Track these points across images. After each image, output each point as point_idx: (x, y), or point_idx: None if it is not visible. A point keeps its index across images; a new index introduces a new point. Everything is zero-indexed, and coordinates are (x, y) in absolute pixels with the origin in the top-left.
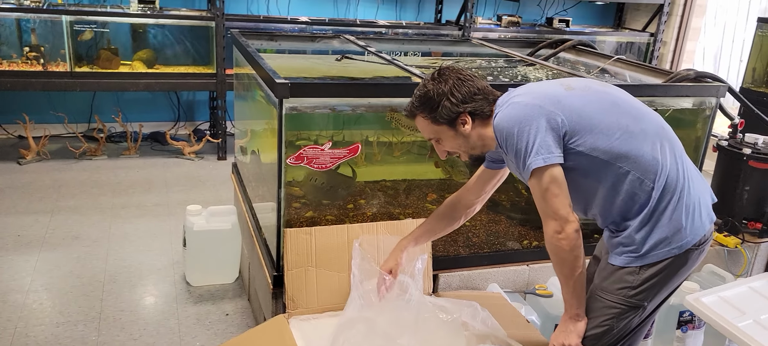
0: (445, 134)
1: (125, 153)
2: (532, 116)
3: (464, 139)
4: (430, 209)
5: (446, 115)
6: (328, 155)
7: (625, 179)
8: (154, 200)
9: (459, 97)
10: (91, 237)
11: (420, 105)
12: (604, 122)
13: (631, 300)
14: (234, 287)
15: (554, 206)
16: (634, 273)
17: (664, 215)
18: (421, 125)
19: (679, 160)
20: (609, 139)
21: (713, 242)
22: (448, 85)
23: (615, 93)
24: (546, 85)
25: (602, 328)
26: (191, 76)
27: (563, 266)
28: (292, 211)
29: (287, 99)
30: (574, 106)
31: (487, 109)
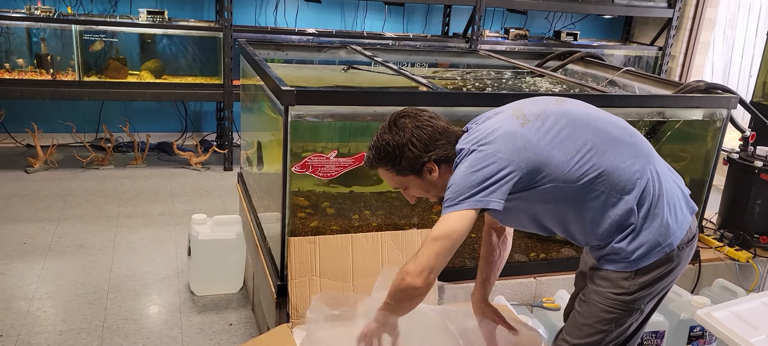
0: (411, 183)
1: (132, 163)
2: (487, 167)
3: (432, 185)
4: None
5: (410, 165)
6: (334, 164)
7: (601, 202)
8: (159, 209)
9: (421, 146)
10: (96, 246)
11: (380, 158)
12: (563, 150)
13: (628, 305)
14: (238, 297)
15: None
16: (629, 279)
17: (648, 222)
18: (385, 176)
19: (649, 160)
20: (572, 167)
21: (724, 257)
22: (407, 133)
23: (572, 109)
24: (502, 121)
25: (601, 333)
26: (199, 87)
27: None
28: (297, 221)
29: (293, 106)
30: (531, 142)
31: (451, 152)
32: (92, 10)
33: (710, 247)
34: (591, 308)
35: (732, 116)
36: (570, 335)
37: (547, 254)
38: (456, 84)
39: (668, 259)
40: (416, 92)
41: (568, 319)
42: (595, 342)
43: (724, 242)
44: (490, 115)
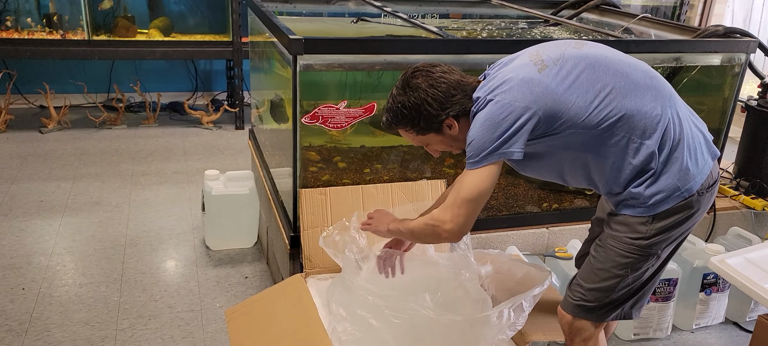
0: (433, 140)
1: (144, 122)
2: (506, 116)
3: (454, 139)
4: (446, 172)
5: (429, 124)
6: (344, 114)
7: (622, 147)
8: (173, 167)
9: (437, 104)
10: (112, 203)
11: (397, 120)
12: (582, 95)
13: (645, 250)
14: (253, 251)
15: (470, 218)
16: (647, 223)
17: (668, 167)
18: (406, 136)
19: (671, 103)
20: (591, 112)
21: (740, 205)
22: (422, 93)
23: (591, 53)
24: (519, 67)
25: (616, 278)
26: (207, 45)
27: (423, 238)
28: (309, 175)
29: (302, 56)
30: (548, 88)
31: (468, 104)
32: None
33: (726, 196)
34: (607, 253)
35: (751, 62)
36: (585, 280)
37: (560, 204)
38: (469, 34)
39: (687, 205)
40: (427, 40)
41: (584, 264)
42: (610, 287)
43: (740, 191)
44: (507, 60)
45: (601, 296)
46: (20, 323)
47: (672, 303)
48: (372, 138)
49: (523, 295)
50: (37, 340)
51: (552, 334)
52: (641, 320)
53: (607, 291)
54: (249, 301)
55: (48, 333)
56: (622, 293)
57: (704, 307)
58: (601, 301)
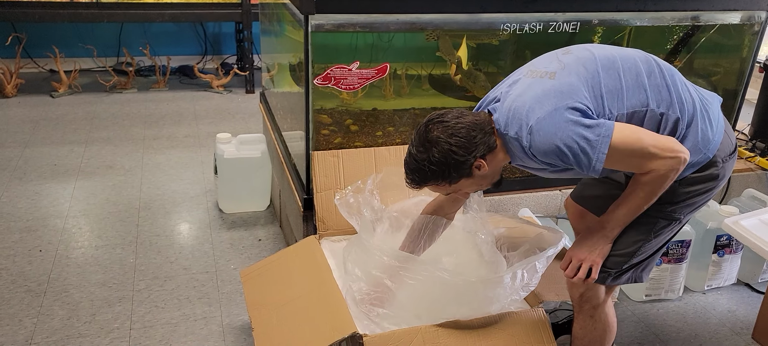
0: (464, 184)
1: (154, 86)
2: (561, 124)
3: (484, 177)
4: None
5: (460, 172)
6: (356, 76)
7: (651, 119)
8: (184, 131)
9: (463, 151)
10: (124, 167)
11: (426, 178)
12: (608, 82)
13: (669, 215)
14: (266, 214)
15: (660, 144)
16: (672, 190)
17: (687, 133)
18: (436, 190)
19: (682, 84)
20: (625, 93)
21: (755, 166)
22: (444, 145)
23: (583, 55)
24: (529, 88)
25: (637, 244)
26: (216, 7)
27: (650, 198)
28: (321, 138)
29: (313, 15)
30: (573, 85)
31: (492, 141)
32: None
33: (741, 157)
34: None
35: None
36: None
37: None
38: None
39: (711, 174)
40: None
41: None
42: (631, 252)
43: (756, 152)
44: (504, 92)
45: (620, 261)
46: (39, 284)
47: (684, 265)
48: (383, 101)
49: (537, 256)
50: (56, 300)
51: (565, 294)
52: (653, 281)
53: (627, 256)
54: (263, 262)
55: (66, 294)
56: (640, 257)
57: (716, 268)
58: (620, 266)
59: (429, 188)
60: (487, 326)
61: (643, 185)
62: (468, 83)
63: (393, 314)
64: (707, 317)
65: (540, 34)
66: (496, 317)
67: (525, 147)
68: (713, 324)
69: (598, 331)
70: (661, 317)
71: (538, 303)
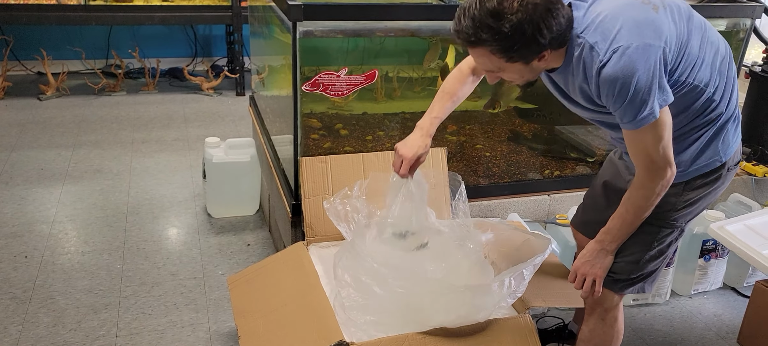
0: (511, 68)
1: (144, 89)
2: (649, 65)
3: (530, 71)
4: (449, 139)
5: (527, 54)
6: (344, 82)
7: (701, 102)
8: (173, 135)
9: (550, 35)
10: (112, 171)
11: (484, 40)
12: (693, 45)
13: (671, 222)
14: (255, 219)
15: (667, 154)
16: (677, 194)
17: (718, 131)
18: (483, 56)
19: (735, 82)
20: (699, 64)
21: (741, 171)
22: (531, 16)
23: (695, 12)
24: (626, 7)
25: (639, 253)
26: (207, 9)
27: (644, 213)
28: (311, 142)
29: (301, 22)
30: (670, 31)
31: (567, 37)
32: None
33: None
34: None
35: (756, 27)
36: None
37: (562, 171)
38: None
39: (715, 175)
40: (429, 6)
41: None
42: (636, 259)
43: (742, 157)
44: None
45: (628, 268)
46: (24, 291)
47: (671, 269)
48: (374, 104)
49: (524, 263)
50: (42, 307)
51: (552, 300)
52: None
53: (634, 263)
54: (251, 268)
55: (52, 301)
56: (646, 266)
57: (703, 273)
58: (628, 274)
59: (475, 52)
60: (474, 334)
61: (635, 201)
62: None
63: (380, 321)
64: (693, 321)
65: None
66: (484, 324)
67: (596, 61)
68: (699, 328)
69: (608, 335)
70: (648, 322)
71: (526, 309)
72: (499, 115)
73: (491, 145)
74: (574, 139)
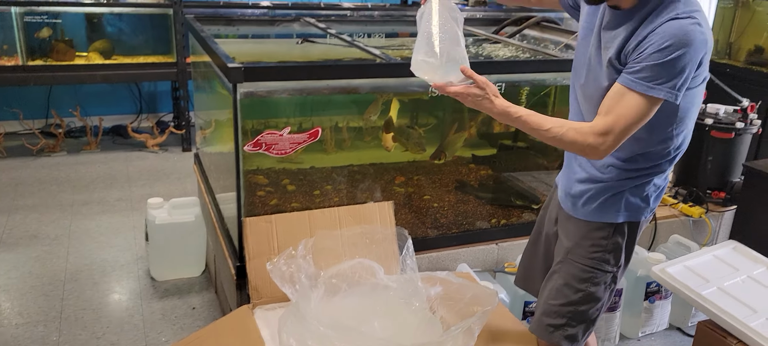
0: None
1: (86, 148)
2: (697, 52)
3: None
4: (397, 191)
5: None
6: (288, 141)
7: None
8: (116, 195)
9: None
10: (50, 236)
11: None
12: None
13: (603, 265)
14: (201, 280)
15: (620, 136)
16: (608, 237)
17: (662, 172)
18: None
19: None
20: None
21: (678, 213)
22: None
23: None
24: None
25: (580, 292)
26: (151, 66)
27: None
28: (257, 200)
29: (241, 84)
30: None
31: None
32: None
33: (666, 204)
34: (569, 268)
35: None
36: (553, 299)
37: (508, 219)
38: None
39: (641, 223)
40: (369, 64)
41: (549, 283)
42: (577, 300)
43: (679, 199)
44: None
45: (572, 313)
46: None
47: (618, 313)
48: (324, 155)
49: (473, 317)
50: None
51: None
52: None
53: (575, 304)
54: (194, 336)
55: None
56: (587, 309)
57: (649, 315)
58: (576, 319)
59: None
60: None
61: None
62: (401, 140)
63: None
64: None
65: None
66: None
67: (672, 13)
68: None
69: None
70: None
71: None
72: (446, 164)
73: (439, 195)
74: (520, 186)
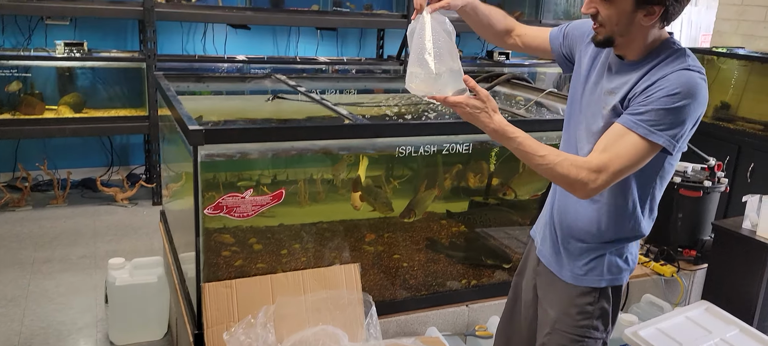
0: (618, 4)
1: (53, 202)
2: (700, 107)
3: (627, 25)
4: (367, 250)
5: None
6: (250, 203)
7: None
8: (80, 252)
9: None
10: (6, 297)
11: None
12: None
13: (592, 331)
14: (162, 343)
15: (613, 176)
16: (594, 302)
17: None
18: None
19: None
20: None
21: (650, 272)
22: None
23: None
24: None
25: None
26: (122, 120)
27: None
28: (221, 260)
29: (202, 146)
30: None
31: (674, 19)
32: (4, 44)
33: (638, 263)
34: (559, 338)
35: None
36: None
37: (479, 280)
38: (380, 112)
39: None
40: (334, 126)
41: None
42: None
43: (650, 258)
44: None
45: None
46: None
47: None
48: (294, 211)
49: None
50: None
51: None
52: None
53: None
54: None
55: None
56: None
57: None
58: None
59: None
60: None
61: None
62: (368, 200)
63: None
64: None
65: (435, 155)
66: None
67: (682, 64)
68: None
69: None
70: None
71: None
72: (419, 220)
73: (409, 253)
74: (492, 244)
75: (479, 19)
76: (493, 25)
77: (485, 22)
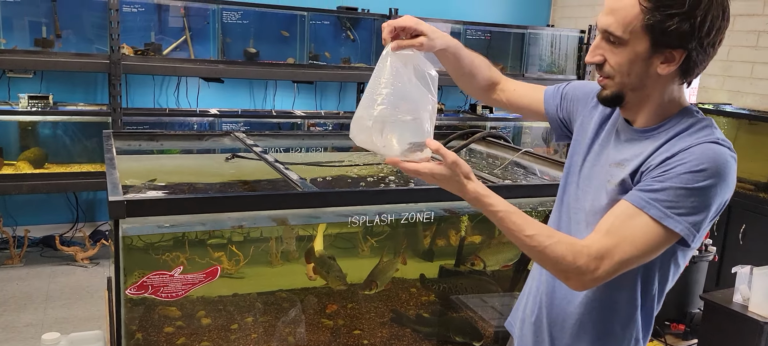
0: (631, 47)
1: (7, 262)
2: (728, 190)
3: (641, 75)
4: (326, 324)
5: (667, 32)
6: (180, 282)
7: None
8: (27, 319)
9: (701, 32)
10: None
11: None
12: None
13: None
14: None
15: (616, 266)
16: None
17: None
18: (624, 9)
19: None
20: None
21: None
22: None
23: None
24: None
25: None
26: (84, 176)
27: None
28: (162, 338)
29: (124, 220)
30: None
31: (697, 74)
32: None
33: None
34: None
35: None
36: None
37: None
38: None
39: None
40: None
41: None
42: None
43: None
44: None
45: None
46: None
47: None
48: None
49: None
50: None
51: None
52: None
53: None
54: None
55: None
56: None
57: None
58: None
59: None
60: None
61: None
62: (321, 272)
63: None
64: None
65: (392, 224)
66: None
67: (711, 136)
68: None
69: None
70: None
71: None
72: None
73: (371, 328)
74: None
75: (461, 67)
76: (476, 75)
77: (467, 72)
